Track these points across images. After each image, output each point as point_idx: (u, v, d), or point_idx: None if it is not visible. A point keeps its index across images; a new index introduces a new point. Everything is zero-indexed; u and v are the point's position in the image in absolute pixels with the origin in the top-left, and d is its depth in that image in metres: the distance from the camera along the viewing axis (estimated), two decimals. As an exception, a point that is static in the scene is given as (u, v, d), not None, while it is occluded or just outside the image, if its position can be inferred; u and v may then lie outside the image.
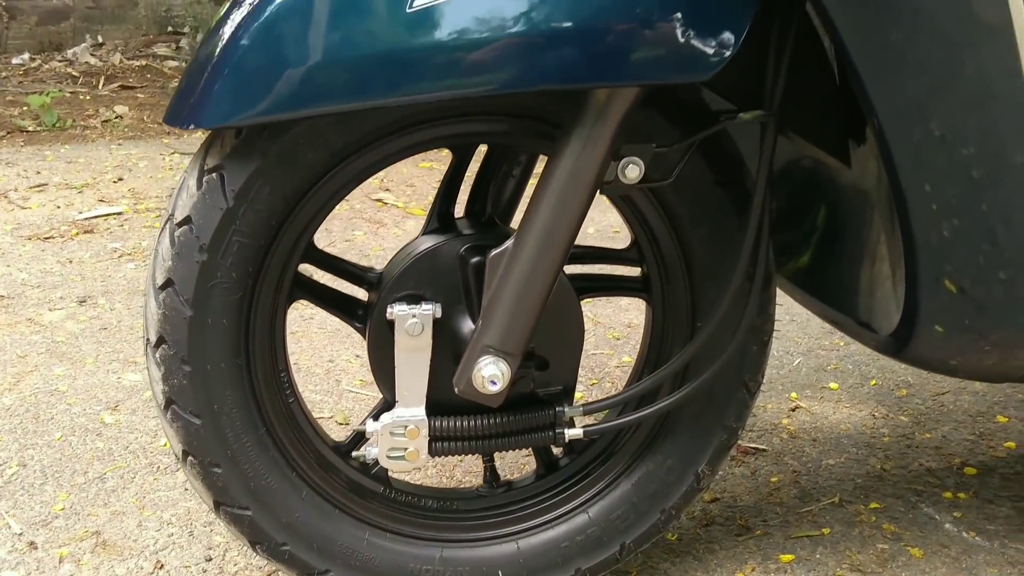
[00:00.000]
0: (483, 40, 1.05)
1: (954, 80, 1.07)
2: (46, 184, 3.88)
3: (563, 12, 1.05)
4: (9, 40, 6.95)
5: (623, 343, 2.50)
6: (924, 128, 1.09)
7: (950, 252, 1.16)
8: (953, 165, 1.11)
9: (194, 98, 1.11)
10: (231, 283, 1.21)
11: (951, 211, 1.13)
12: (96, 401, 2.11)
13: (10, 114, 5.29)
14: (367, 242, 3.26)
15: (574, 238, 1.22)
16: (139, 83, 6.29)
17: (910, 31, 1.05)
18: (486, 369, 1.23)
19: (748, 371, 1.41)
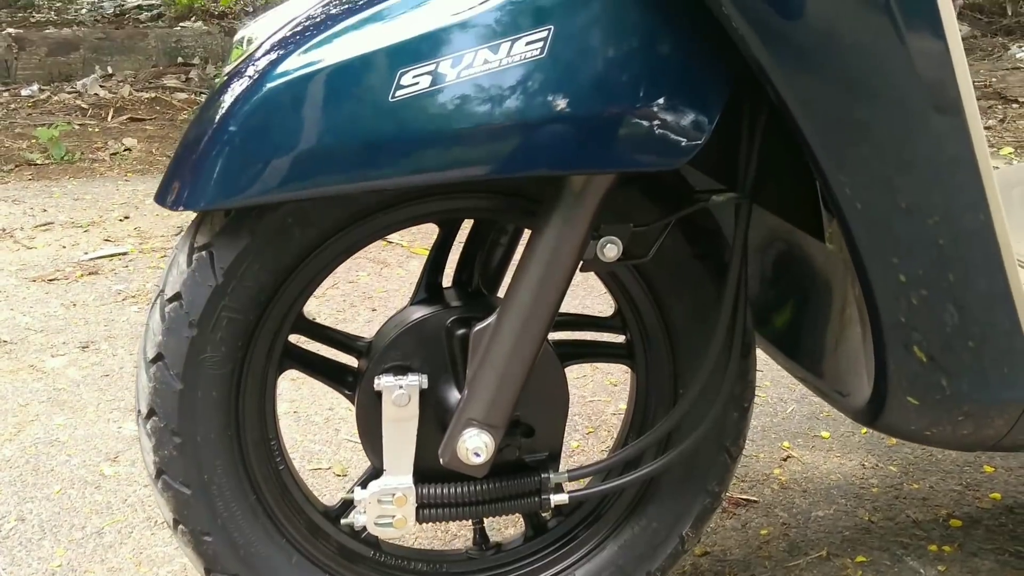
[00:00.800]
0: (460, 129, 1.09)
1: (915, 157, 1.11)
2: (52, 223, 3.93)
3: (539, 104, 1.08)
4: (18, 71, 7.03)
5: (620, 389, 2.52)
6: (890, 202, 1.12)
7: (919, 321, 1.19)
8: (919, 236, 1.14)
9: (183, 180, 1.14)
10: (220, 357, 1.25)
11: (919, 281, 1.16)
12: (96, 452, 2.14)
13: (18, 147, 5.35)
14: (371, 283, 3.29)
15: (555, 313, 1.25)
16: (148, 115, 6.35)
17: (869, 114, 1.08)
18: (470, 442, 1.26)
19: (729, 437, 1.45)
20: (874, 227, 1.14)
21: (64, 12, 9.50)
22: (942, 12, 1.05)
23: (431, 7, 1.11)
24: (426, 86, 1.07)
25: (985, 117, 6.12)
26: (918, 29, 1.05)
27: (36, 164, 5.08)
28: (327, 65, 1.09)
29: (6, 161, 5.10)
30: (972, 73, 4.27)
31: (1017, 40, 8.30)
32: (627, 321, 1.44)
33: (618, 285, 1.39)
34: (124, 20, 9.12)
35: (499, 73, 1.08)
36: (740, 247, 1.29)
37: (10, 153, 5.22)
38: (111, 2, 9.99)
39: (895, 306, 1.18)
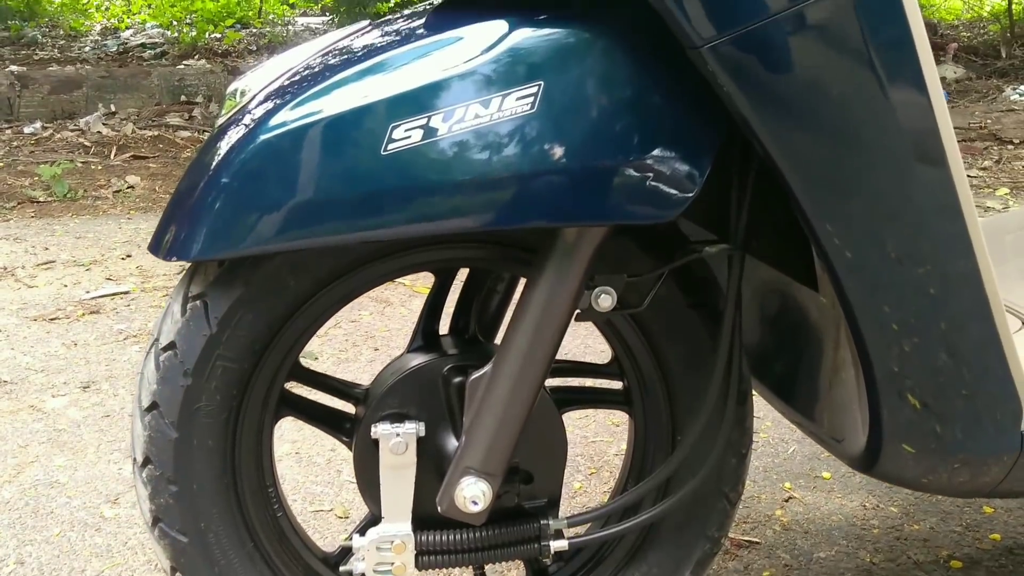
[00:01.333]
0: (452, 183, 1.10)
1: (903, 208, 1.12)
2: (54, 261, 3.95)
3: (530, 158, 1.10)
4: (21, 108, 7.08)
5: (623, 430, 2.52)
6: (881, 253, 1.13)
7: (912, 369, 1.20)
8: (911, 285, 1.15)
9: (177, 230, 1.15)
10: (215, 405, 1.26)
11: (911, 329, 1.17)
12: (96, 494, 2.15)
13: (20, 184, 5.38)
14: (373, 322, 3.30)
15: (551, 362, 1.26)
16: (151, 153, 6.39)
17: (855, 170, 1.09)
18: (468, 490, 1.26)
19: (728, 483, 1.45)
20: (864, 277, 1.15)
21: (67, 50, 9.58)
22: (923, 65, 1.06)
23: (424, 62, 1.12)
24: (418, 140, 1.09)
25: (981, 158, 6.16)
26: (900, 82, 1.07)
27: (39, 201, 5.11)
28: (320, 117, 1.11)
29: (8, 199, 5.13)
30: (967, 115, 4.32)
31: (1011, 82, 8.36)
32: (624, 368, 1.45)
33: (615, 333, 1.41)
34: (128, 58, 9.20)
35: (490, 127, 1.09)
36: (733, 298, 1.30)
37: (12, 191, 5.25)
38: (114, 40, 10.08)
39: (888, 354, 1.19)
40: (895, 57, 1.06)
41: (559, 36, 1.11)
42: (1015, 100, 7.59)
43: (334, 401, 1.47)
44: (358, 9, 7.45)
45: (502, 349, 1.25)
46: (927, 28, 1.08)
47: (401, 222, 1.11)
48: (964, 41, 9.89)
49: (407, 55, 1.14)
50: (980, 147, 6.39)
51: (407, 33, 1.22)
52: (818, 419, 1.44)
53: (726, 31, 1.02)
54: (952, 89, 8.26)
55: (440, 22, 1.20)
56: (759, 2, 1.02)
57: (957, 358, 1.19)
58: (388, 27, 1.31)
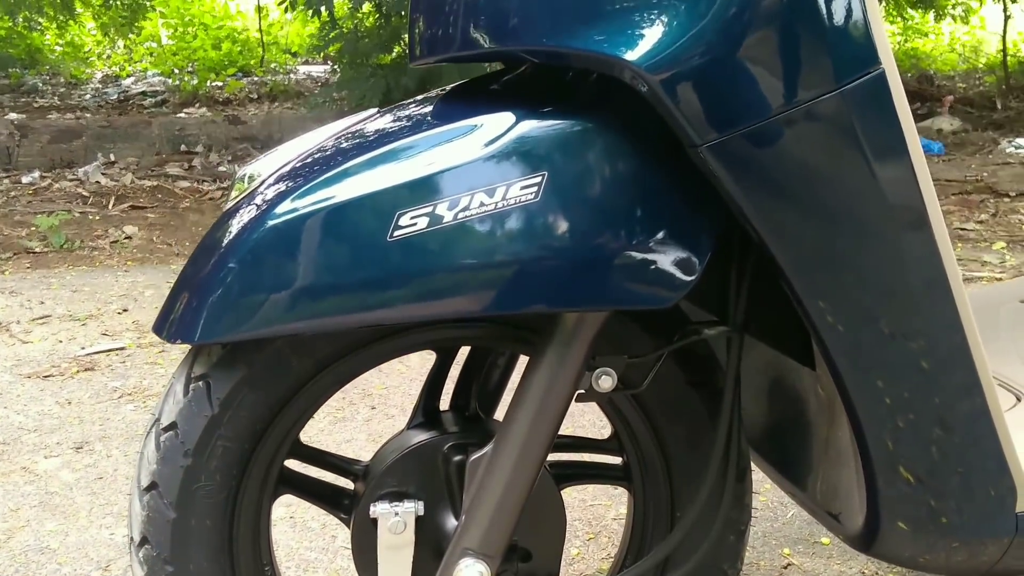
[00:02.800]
0: (456, 269, 1.11)
1: (892, 283, 1.14)
2: (50, 316, 3.95)
3: (533, 245, 1.11)
4: (20, 158, 7.12)
5: (621, 493, 2.51)
6: (872, 331, 1.15)
7: (906, 446, 1.20)
8: (902, 361, 1.17)
9: (181, 312, 1.16)
10: (215, 485, 1.26)
11: (904, 405, 1.18)
12: (88, 560, 2.13)
13: (17, 235, 5.40)
14: (370, 380, 3.29)
15: (552, 442, 1.27)
16: (150, 203, 6.42)
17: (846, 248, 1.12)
18: (466, 571, 1.26)
19: (727, 560, 1.45)
20: (857, 353, 1.16)
21: (68, 98, 9.64)
22: (911, 151, 1.09)
23: (431, 150, 1.14)
24: (424, 227, 1.10)
25: (977, 212, 6.19)
26: (886, 163, 1.09)
27: (35, 252, 5.12)
28: (328, 204, 1.12)
29: (4, 249, 5.14)
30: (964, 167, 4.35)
31: (1007, 134, 8.43)
32: (624, 445, 1.45)
33: (615, 410, 1.41)
34: (128, 106, 9.26)
35: (495, 215, 1.10)
36: (732, 378, 1.31)
37: (9, 241, 5.27)
38: (115, 88, 10.15)
39: (882, 429, 1.20)
40: (885, 148, 1.08)
41: (563, 128, 1.13)
42: (1011, 152, 7.66)
43: (333, 478, 1.47)
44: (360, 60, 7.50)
45: (503, 430, 1.25)
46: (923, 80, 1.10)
47: (405, 306, 1.12)
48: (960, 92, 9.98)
49: (415, 144, 1.16)
50: (976, 200, 6.43)
51: (416, 121, 1.24)
52: (816, 496, 1.45)
53: (724, 132, 1.05)
54: (948, 141, 8.33)
55: (448, 111, 1.23)
56: (755, 105, 1.04)
57: (950, 434, 1.20)
58: (397, 113, 1.33)
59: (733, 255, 1.27)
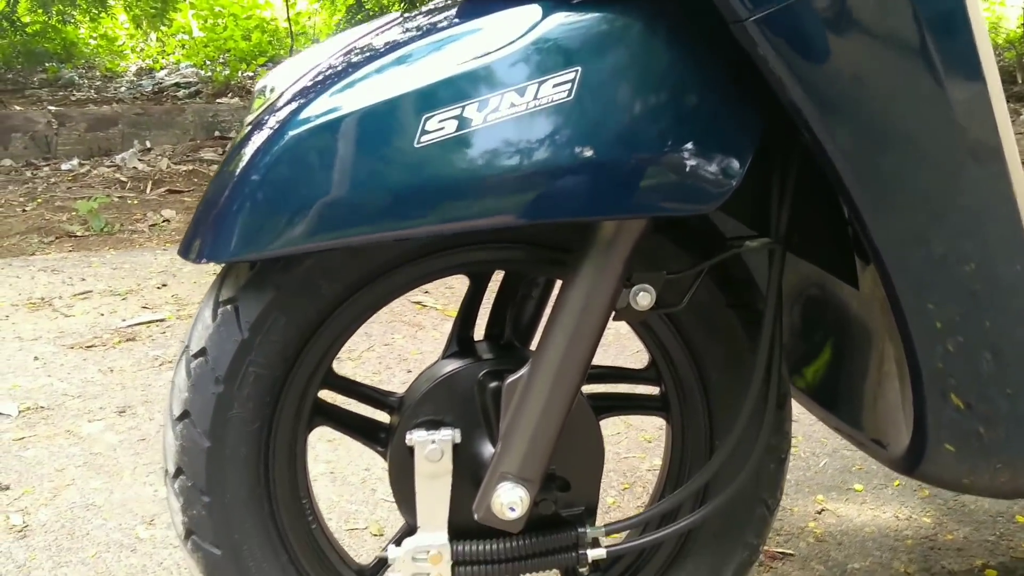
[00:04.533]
0: (488, 175, 1.04)
1: (951, 204, 1.06)
2: (91, 291, 3.93)
3: (568, 147, 1.04)
4: (59, 146, 7.12)
5: (655, 446, 2.47)
6: (925, 249, 1.08)
7: (955, 368, 1.14)
8: (955, 283, 1.09)
9: (206, 233, 1.11)
10: (248, 413, 1.21)
11: (955, 328, 1.12)
12: (132, 515, 2.11)
13: (58, 219, 5.39)
14: (406, 345, 3.26)
15: (589, 364, 1.21)
16: (186, 187, 6.41)
17: (905, 159, 1.03)
18: (505, 496, 1.21)
19: (766, 489, 1.39)
20: (910, 273, 1.09)
21: (104, 91, 9.66)
22: (982, 58, 1.01)
23: (456, 50, 1.07)
24: (452, 131, 1.04)
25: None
26: (957, 75, 1.00)
27: (76, 236, 5.11)
28: (350, 112, 1.06)
29: (47, 233, 5.13)
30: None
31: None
32: (661, 373, 1.39)
33: (652, 337, 1.35)
34: (162, 98, 9.27)
35: (526, 116, 1.04)
36: (775, 293, 1.24)
37: (50, 225, 5.26)
38: (149, 80, 10.16)
39: (932, 353, 1.13)
40: (953, 46, 0.99)
41: (595, 21, 1.06)
42: (1030, 123, 7.51)
43: (368, 411, 1.42)
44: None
45: (539, 350, 1.19)
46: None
47: (436, 218, 1.06)
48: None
49: (438, 44, 1.09)
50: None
51: (438, 23, 1.17)
52: (858, 422, 1.39)
53: (774, 1, 0.96)
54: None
55: (472, 11, 1.15)
56: None
57: (1001, 358, 1.13)
58: (418, 18, 1.26)
59: (775, 163, 1.20)
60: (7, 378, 2.95)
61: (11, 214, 5.51)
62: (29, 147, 7.05)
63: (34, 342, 3.29)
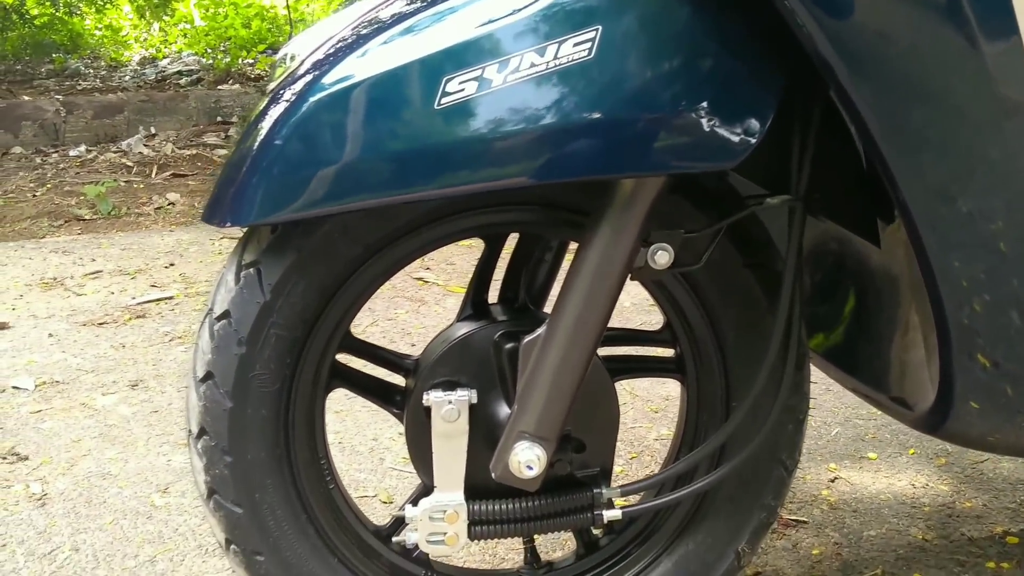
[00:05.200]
0: (508, 135, 1.04)
1: (979, 160, 1.04)
2: (101, 271, 3.93)
3: (588, 105, 1.03)
4: (66, 133, 7.11)
5: (661, 416, 2.46)
6: (952, 206, 1.06)
7: (982, 327, 1.12)
8: (982, 241, 1.08)
9: (229, 197, 1.10)
10: (269, 374, 1.20)
11: (982, 286, 1.10)
12: (147, 484, 2.10)
13: (67, 204, 5.38)
14: (409, 320, 3.25)
15: (606, 323, 1.19)
16: (190, 171, 6.39)
17: (935, 114, 1.02)
18: (522, 455, 1.20)
19: (784, 450, 1.38)
20: (938, 230, 1.07)
21: (109, 80, 9.64)
22: (1017, 11, 0.98)
23: (476, 12, 1.06)
24: (472, 92, 1.03)
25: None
26: (991, 28, 0.98)
27: (84, 219, 5.10)
28: (370, 75, 1.05)
29: (56, 217, 5.12)
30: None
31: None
32: (677, 334, 1.37)
33: (668, 298, 1.33)
34: (165, 85, 9.25)
35: (546, 76, 1.03)
36: (795, 251, 1.22)
37: (59, 209, 5.25)
38: (153, 69, 10.14)
39: (959, 311, 1.11)
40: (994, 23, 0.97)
41: None
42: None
43: (385, 375, 1.42)
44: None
45: (556, 308, 1.18)
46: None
47: (457, 179, 1.05)
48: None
49: (457, 7, 1.08)
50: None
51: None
52: (878, 382, 1.37)
53: None
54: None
55: None
56: None
57: None
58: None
59: (796, 119, 1.18)
60: (23, 354, 2.95)
61: (22, 199, 5.50)
62: (38, 134, 7.04)
63: (48, 320, 3.29)
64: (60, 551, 1.84)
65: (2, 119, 6.91)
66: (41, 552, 1.84)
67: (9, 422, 2.45)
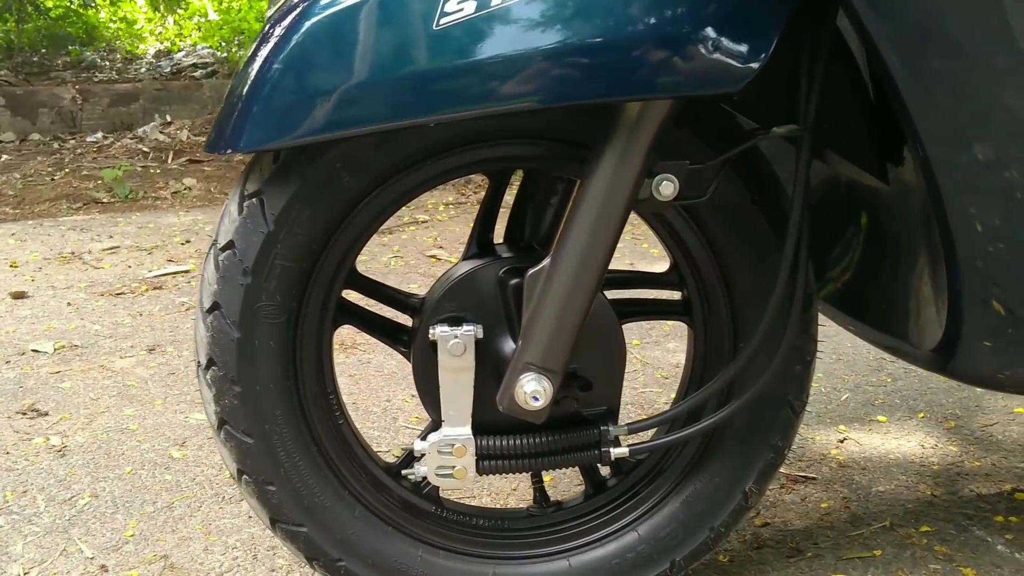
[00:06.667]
0: (509, 57, 1.03)
1: (997, 107, 1.03)
2: (118, 247, 3.95)
3: (591, 27, 1.02)
4: (84, 121, 7.16)
5: (672, 382, 2.46)
6: (969, 153, 1.05)
7: (997, 273, 1.11)
8: (998, 188, 1.06)
9: (231, 125, 1.09)
10: (276, 306, 1.20)
11: (997, 233, 1.08)
12: (164, 439, 2.11)
13: (85, 187, 5.42)
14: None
15: (611, 255, 1.18)
16: (206, 157, 6.42)
17: (954, 60, 1.01)
18: (528, 386, 1.20)
19: (792, 390, 1.37)
20: (954, 175, 1.06)
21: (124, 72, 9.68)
22: None
23: (476, -72, 1.03)
24: (472, 12, 1.02)
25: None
26: None
27: (102, 202, 5.14)
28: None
29: (74, 200, 5.16)
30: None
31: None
32: (683, 276, 1.36)
33: (674, 237, 1.32)
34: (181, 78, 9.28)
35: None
36: (802, 182, 1.20)
37: (78, 193, 5.29)
38: (168, 61, 10.17)
39: (972, 255, 1.10)
40: None
41: None
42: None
43: (392, 314, 1.43)
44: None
45: (561, 238, 1.17)
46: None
47: (457, 102, 1.04)
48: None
49: None
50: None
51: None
52: (884, 323, 1.36)
53: None
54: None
55: None
56: None
57: None
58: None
59: (804, 49, 1.16)
60: (42, 321, 2.96)
61: (40, 183, 5.54)
62: (56, 122, 7.09)
63: (66, 290, 3.31)
64: (80, 497, 1.85)
65: (19, 106, 6.97)
66: (61, 498, 1.85)
67: (29, 382, 2.47)
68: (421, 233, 4.12)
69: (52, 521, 1.76)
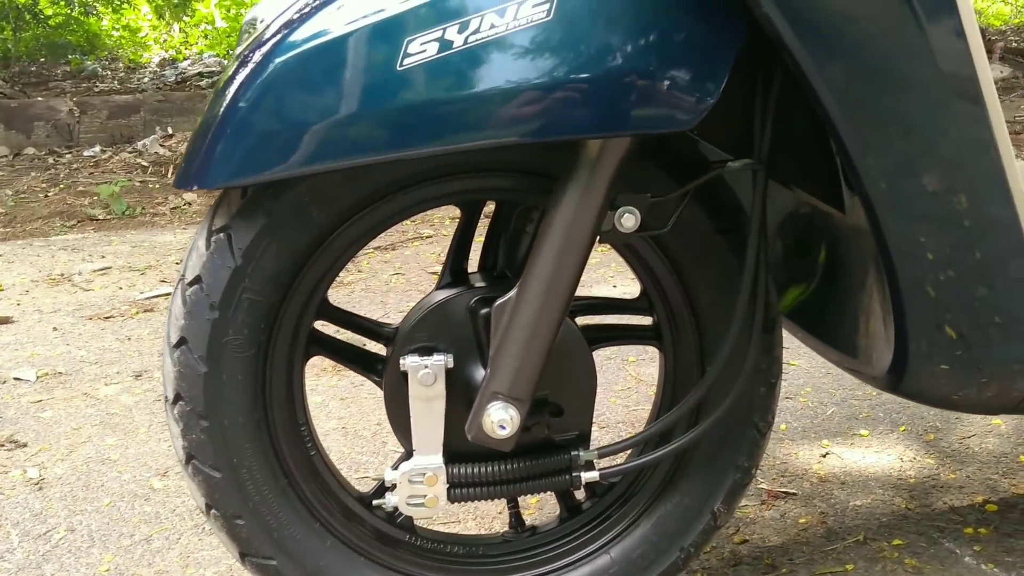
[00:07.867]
0: (470, 96, 1.07)
1: (938, 141, 1.09)
2: (110, 267, 3.98)
3: (547, 67, 1.07)
4: (81, 134, 7.16)
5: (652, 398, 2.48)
6: (916, 183, 1.10)
7: (949, 299, 1.16)
8: (946, 217, 1.12)
9: (198, 160, 1.14)
10: (243, 339, 1.24)
11: (946, 261, 1.14)
12: (146, 468, 2.15)
13: (80, 204, 5.43)
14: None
15: (575, 285, 1.23)
16: (203, 171, 6.42)
17: (888, 95, 1.06)
18: (495, 415, 1.24)
19: (757, 412, 1.42)
20: (899, 207, 1.11)
21: (127, 82, 9.70)
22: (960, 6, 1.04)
23: (435, -26, 1.10)
24: (433, 53, 1.07)
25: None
26: (937, 18, 1.03)
27: (98, 219, 5.15)
28: (333, 37, 1.09)
29: (69, 217, 5.18)
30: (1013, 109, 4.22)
31: (1056, 82, 8.26)
32: (653, 302, 1.42)
33: (642, 265, 1.38)
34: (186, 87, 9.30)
35: (506, 37, 1.07)
36: (758, 214, 1.26)
37: (72, 210, 5.31)
38: (172, 70, 10.20)
39: (921, 282, 1.15)
40: None
41: None
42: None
43: (365, 343, 1.44)
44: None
45: (527, 271, 1.22)
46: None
47: (420, 140, 1.09)
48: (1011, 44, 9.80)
49: None
50: (1024, 139, 6.33)
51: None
52: (841, 343, 1.40)
53: None
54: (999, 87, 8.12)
55: None
56: None
57: (993, 289, 1.16)
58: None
59: (757, 83, 1.22)
60: (26, 347, 3.01)
61: (33, 199, 5.56)
62: (51, 135, 7.10)
63: (53, 314, 3.34)
64: (55, 532, 1.89)
65: (14, 119, 6.98)
66: (36, 533, 1.89)
67: (9, 411, 2.52)
68: (425, 249, 4.13)
69: (25, 557, 1.81)
